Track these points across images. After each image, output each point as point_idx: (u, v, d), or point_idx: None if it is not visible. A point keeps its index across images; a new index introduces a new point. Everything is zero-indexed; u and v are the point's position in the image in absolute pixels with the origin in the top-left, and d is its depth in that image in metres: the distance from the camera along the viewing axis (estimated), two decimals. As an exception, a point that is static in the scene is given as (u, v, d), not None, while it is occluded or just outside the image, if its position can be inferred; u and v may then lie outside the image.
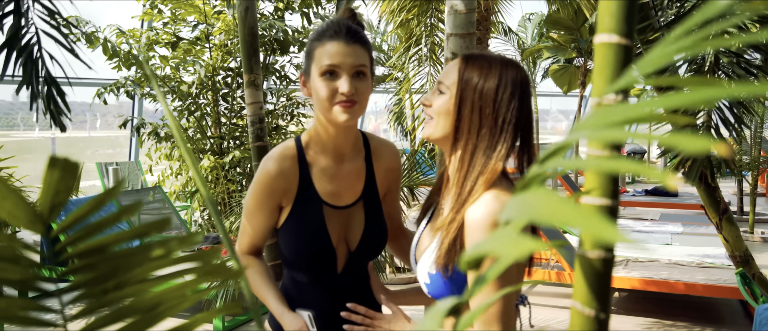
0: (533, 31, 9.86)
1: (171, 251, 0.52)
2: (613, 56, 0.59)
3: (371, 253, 1.28)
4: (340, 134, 1.21)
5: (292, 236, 1.23)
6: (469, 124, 0.99)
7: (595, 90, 0.60)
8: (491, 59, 1.01)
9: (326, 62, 1.12)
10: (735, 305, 4.12)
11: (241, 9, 1.75)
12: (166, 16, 4.81)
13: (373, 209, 1.27)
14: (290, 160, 1.22)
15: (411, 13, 3.83)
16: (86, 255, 0.51)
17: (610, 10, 0.59)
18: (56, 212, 0.48)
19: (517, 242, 0.28)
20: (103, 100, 4.81)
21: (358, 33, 1.16)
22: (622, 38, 0.59)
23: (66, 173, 0.47)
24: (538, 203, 0.34)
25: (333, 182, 1.24)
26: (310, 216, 1.22)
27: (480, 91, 0.99)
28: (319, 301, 1.26)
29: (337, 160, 1.24)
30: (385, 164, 1.30)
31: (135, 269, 0.52)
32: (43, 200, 0.47)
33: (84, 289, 0.51)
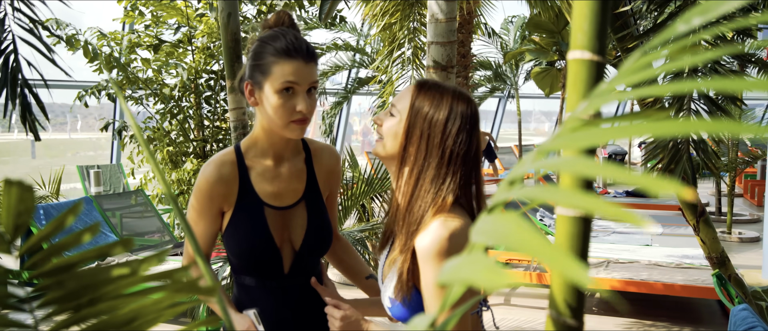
0: (515, 33, 9.94)
1: (136, 270, 0.51)
2: (586, 72, 0.60)
3: (316, 251, 1.30)
4: (282, 142, 1.26)
5: (235, 239, 1.25)
6: (416, 151, 1.02)
7: (569, 105, 0.61)
8: (444, 90, 1.04)
9: (288, 79, 1.16)
10: (713, 305, 4.19)
11: (224, 15, 1.74)
12: (147, 18, 4.77)
13: (315, 208, 1.30)
14: (229, 165, 1.25)
15: (394, 17, 3.84)
16: (54, 273, 0.50)
17: (583, 28, 0.60)
18: (20, 232, 0.48)
19: (493, 272, 0.28)
20: (84, 102, 4.75)
21: (313, 50, 1.21)
22: (594, 55, 0.60)
23: (24, 194, 0.46)
24: (507, 230, 0.34)
25: (273, 183, 1.27)
26: (252, 218, 1.25)
27: (430, 121, 1.02)
28: (268, 303, 1.27)
29: (276, 161, 1.28)
30: (326, 167, 1.34)
31: (104, 286, 0.52)
32: (5, 222, 0.46)
33: (57, 305, 0.50)
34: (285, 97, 1.16)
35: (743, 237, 6.33)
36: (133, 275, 0.50)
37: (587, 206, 0.31)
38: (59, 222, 0.46)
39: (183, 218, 0.54)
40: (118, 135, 4.99)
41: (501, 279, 0.29)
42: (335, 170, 1.36)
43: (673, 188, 0.30)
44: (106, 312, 0.53)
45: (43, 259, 0.49)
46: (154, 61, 4.75)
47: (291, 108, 1.17)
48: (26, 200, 0.44)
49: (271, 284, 1.28)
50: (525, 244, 0.31)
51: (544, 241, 0.30)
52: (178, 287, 0.53)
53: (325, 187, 1.34)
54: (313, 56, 1.19)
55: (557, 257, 0.28)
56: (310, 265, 1.31)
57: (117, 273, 0.49)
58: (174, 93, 4.74)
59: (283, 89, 1.16)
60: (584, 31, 0.62)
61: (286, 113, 1.17)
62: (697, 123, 0.36)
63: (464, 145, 1.01)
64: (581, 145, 0.39)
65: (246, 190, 1.25)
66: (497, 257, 1.09)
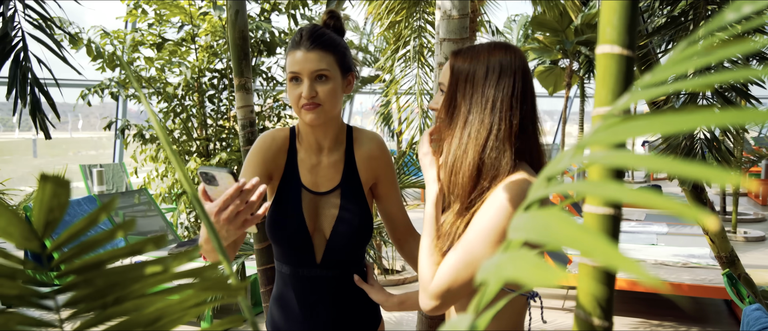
0: (519, 32, 9.92)
1: (168, 267, 0.51)
2: (616, 67, 0.59)
3: (348, 242, 1.27)
4: (318, 131, 1.28)
5: (272, 217, 1.27)
6: (459, 112, 1.00)
7: (598, 100, 0.60)
8: (479, 47, 1.02)
9: (290, 69, 1.22)
10: (720, 304, 4.18)
11: (232, 12, 1.73)
12: (150, 17, 4.76)
13: (350, 198, 1.29)
14: (282, 137, 1.31)
15: (399, 15, 3.82)
16: (83, 271, 0.50)
17: (612, 21, 0.59)
18: (51, 229, 0.47)
19: (542, 269, 0.28)
20: (87, 101, 4.74)
21: (320, 37, 1.22)
22: (624, 49, 0.59)
23: (58, 190, 0.46)
24: (552, 225, 0.33)
25: (312, 172, 1.30)
26: (290, 199, 1.27)
27: (470, 79, 0.99)
28: (300, 292, 1.28)
29: (316, 153, 1.30)
30: (366, 152, 1.32)
31: (132, 284, 0.51)
32: (37, 218, 0.46)
33: (83, 304, 0.50)
34: (292, 85, 1.22)
35: (748, 236, 6.32)
36: (163, 273, 0.50)
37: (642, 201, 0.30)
38: (92, 219, 0.45)
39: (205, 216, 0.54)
40: (121, 134, 4.98)
41: (551, 277, 0.28)
42: (377, 155, 1.33)
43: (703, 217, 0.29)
44: (132, 311, 0.52)
45: (72, 256, 0.48)
46: (157, 60, 4.75)
47: (298, 95, 1.22)
48: (60, 196, 0.43)
49: (304, 273, 1.28)
50: (575, 240, 0.30)
51: (597, 237, 0.29)
52: (207, 286, 0.52)
53: (368, 175, 1.32)
54: (317, 44, 1.21)
55: (613, 254, 0.28)
56: (344, 258, 1.29)
57: (148, 271, 0.48)
58: (177, 92, 4.74)
59: (291, 79, 1.23)
60: (613, 25, 0.61)
61: (294, 101, 1.23)
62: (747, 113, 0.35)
63: (508, 89, 0.97)
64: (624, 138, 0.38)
65: (291, 168, 1.29)
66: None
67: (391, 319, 3.75)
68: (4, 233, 0.44)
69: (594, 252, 0.26)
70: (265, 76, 4.97)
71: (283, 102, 5.04)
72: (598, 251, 0.26)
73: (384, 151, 1.34)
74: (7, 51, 1.59)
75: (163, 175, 4.87)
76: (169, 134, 4.80)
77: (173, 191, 4.86)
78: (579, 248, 0.28)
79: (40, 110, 1.80)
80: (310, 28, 1.24)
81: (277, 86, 5.05)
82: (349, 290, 1.30)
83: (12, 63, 1.64)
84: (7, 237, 0.44)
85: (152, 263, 0.49)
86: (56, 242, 0.46)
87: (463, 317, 0.41)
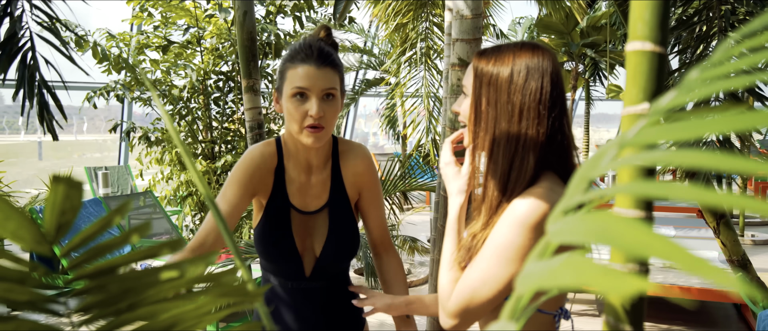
0: (523, 34, 9.89)
1: (185, 272, 0.49)
2: (647, 64, 0.57)
3: (339, 259, 1.28)
4: (310, 150, 1.24)
5: (262, 236, 1.25)
6: (486, 118, 0.94)
7: (629, 99, 0.58)
8: (504, 48, 0.96)
9: (297, 84, 1.14)
10: (728, 308, 4.14)
11: (240, 13, 1.71)
12: (156, 19, 4.76)
13: (338, 216, 1.28)
14: (270, 154, 1.26)
15: (406, 17, 3.81)
16: (95, 276, 0.48)
17: (643, 17, 0.57)
18: (63, 232, 0.45)
19: (614, 277, 0.25)
20: (93, 104, 4.74)
21: (329, 56, 1.18)
22: (656, 46, 0.57)
23: (71, 192, 0.44)
24: (609, 228, 0.30)
25: (300, 192, 1.27)
26: (278, 219, 1.25)
27: (494, 83, 0.93)
28: (290, 303, 1.28)
29: (305, 172, 1.27)
30: (353, 168, 1.30)
31: (147, 290, 0.49)
32: (48, 220, 0.44)
33: (95, 310, 0.48)
34: (297, 102, 1.15)
35: (756, 240, 6.27)
36: (179, 279, 0.48)
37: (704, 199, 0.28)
38: (106, 222, 0.43)
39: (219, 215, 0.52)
40: (126, 136, 4.97)
41: (626, 285, 0.25)
42: (362, 170, 1.31)
43: None
44: (146, 318, 0.50)
45: (85, 260, 0.47)
46: (163, 63, 4.74)
47: (303, 113, 1.14)
48: (72, 198, 0.41)
49: (293, 285, 1.28)
50: (641, 243, 0.28)
51: (665, 239, 0.27)
52: (224, 291, 0.50)
53: (353, 190, 1.31)
54: (327, 61, 1.16)
55: (697, 262, 0.25)
56: (333, 271, 1.31)
57: (165, 276, 0.46)
58: (183, 94, 4.73)
59: (295, 94, 1.15)
60: (645, 20, 0.59)
61: (298, 118, 1.15)
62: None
63: (535, 95, 0.91)
64: (675, 138, 0.36)
65: (279, 188, 1.26)
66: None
67: (373, 320, 3.73)
68: (14, 237, 0.42)
69: (673, 257, 0.24)
70: (270, 79, 4.96)
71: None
72: (678, 256, 0.24)
73: (369, 166, 1.31)
74: (15, 51, 1.58)
75: (169, 177, 4.86)
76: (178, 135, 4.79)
77: (178, 193, 4.85)
78: (651, 253, 0.26)
79: (49, 111, 1.79)
80: (317, 43, 1.19)
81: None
82: (337, 296, 1.32)
83: (20, 63, 1.62)
84: (18, 241, 0.42)
85: (168, 268, 0.47)
86: (68, 245, 0.45)
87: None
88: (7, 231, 0.41)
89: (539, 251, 0.42)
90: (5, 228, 0.41)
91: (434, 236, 1.79)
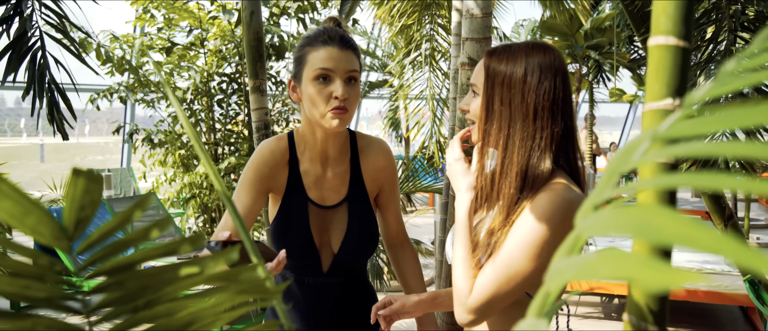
0: (526, 36, 9.89)
1: (204, 269, 0.48)
2: (671, 59, 0.56)
3: (357, 255, 1.26)
4: (329, 139, 1.22)
5: (279, 232, 1.23)
6: (499, 117, 0.95)
7: (651, 94, 0.57)
8: (515, 47, 0.97)
9: (320, 66, 1.13)
10: (735, 310, 4.12)
11: (247, 13, 1.71)
12: (159, 21, 4.76)
13: (357, 211, 1.26)
14: (282, 150, 1.24)
15: (411, 18, 3.80)
16: (114, 273, 0.47)
17: (667, 10, 0.56)
18: (82, 228, 0.44)
19: (659, 269, 0.25)
20: (96, 105, 4.74)
21: (350, 40, 1.18)
22: (680, 40, 0.56)
23: (91, 186, 0.43)
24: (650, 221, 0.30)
25: (317, 185, 1.25)
26: (296, 214, 1.23)
27: (507, 82, 0.94)
28: (305, 299, 1.26)
29: (322, 164, 1.25)
30: (373, 163, 1.28)
31: (165, 287, 0.49)
32: (67, 215, 0.43)
33: (113, 307, 0.47)
34: (321, 85, 1.14)
35: (761, 242, 6.25)
36: (198, 275, 0.47)
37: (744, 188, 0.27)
38: (126, 216, 0.42)
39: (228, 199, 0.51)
40: (129, 138, 4.97)
41: (673, 278, 0.25)
42: (383, 166, 1.29)
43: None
44: (163, 316, 0.50)
45: (104, 256, 0.46)
46: (166, 64, 4.74)
47: (327, 95, 1.13)
48: (92, 192, 0.41)
49: (309, 281, 1.26)
50: (688, 237, 0.27)
51: (715, 231, 0.26)
52: (243, 289, 0.50)
53: (373, 185, 1.29)
54: (349, 45, 1.17)
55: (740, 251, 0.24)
56: (351, 267, 1.29)
57: (184, 273, 0.45)
58: (186, 96, 4.73)
59: (318, 77, 1.14)
60: (669, 14, 0.58)
61: (322, 101, 1.13)
62: None
63: (548, 94, 0.92)
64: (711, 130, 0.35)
65: (295, 181, 1.24)
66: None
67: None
68: (34, 232, 0.41)
69: (724, 250, 0.23)
70: (274, 81, 4.96)
71: (293, 107, 5.02)
72: (731, 250, 0.23)
73: (390, 161, 1.31)
74: (25, 51, 1.57)
75: (172, 179, 4.86)
76: (177, 139, 4.79)
77: (182, 195, 4.84)
78: (700, 247, 0.25)
79: (59, 111, 1.78)
80: (336, 28, 1.19)
81: (285, 91, 5.04)
82: (354, 293, 1.30)
83: (29, 63, 1.62)
84: (37, 236, 0.42)
85: (188, 265, 0.46)
86: (86, 241, 0.44)
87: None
88: (27, 226, 0.41)
89: (569, 245, 0.41)
90: (24, 223, 0.41)
91: (442, 237, 1.78)
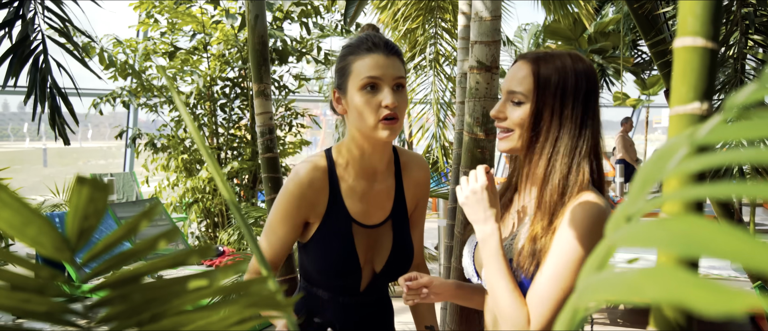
0: (529, 41, 9.87)
1: (213, 281, 0.46)
2: (698, 61, 0.54)
3: (396, 274, 1.21)
4: (377, 152, 1.16)
5: (320, 254, 1.17)
6: (549, 127, 0.95)
7: (677, 97, 0.55)
8: (560, 55, 0.98)
9: (367, 74, 1.08)
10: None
11: (251, 16, 1.69)
12: (163, 25, 4.75)
13: (401, 227, 1.22)
14: (321, 172, 1.16)
15: (415, 22, 3.79)
16: (118, 285, 0.45)
17: (694, 10, 0.54)
18: (85, 238, 0.42)
19: (718, 292, 0.22)
20: (99, 110, 4.73)
21: (395, 46, 1.14)
22: (708, 41, 0.54)
23: (96, 194, 0.41)
24: (696, 234, 0.27)
25: (363, 201, 1.18)
26: (340, 235, 1.16)
27: (560, 91, 0.95)
28: (338, 317, 1.22)
29: (368, 179, 1.18)
30: (415, 179, 1.24)
31: (172, 300, 0.46)
32: (71, 225, 0.41)
33: (117, 321, 0.45)
34: (368, 94, 1.08)
35: (766, 247, 6.21)
36: (206, 288, 0.45)
37: None
38: (131, 226, 0.40)
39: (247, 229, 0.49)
40: (132, 143, 4.96)
41: (737, 302, 0.22)
42: (422, 181, 1.25)
43: None
44: (170, 330, 0.47)
45: (108, 268, 0.44)
46: (169, 69, 4.73)
47: (376, 105, 1.08)
48: (97, 201, 0.39)
49: (344, 300, 1.21)
50: (743, 253, 0.25)
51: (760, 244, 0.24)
52: (252, 302, 0.47)
53: (412, 201, 1.24)
54: (394, 51, 1.12)
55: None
56: (385, 284, 1.26)
57: (192, 285, 0.43)
58: (189, 100, 4.72)
59: (366, 86, 1.08)
60: (696, 14, 0.56)
61: (372, 111, 1.08)
62: None
63: (593, 104, 0.96)
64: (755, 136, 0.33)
65: (335, 202, 1.17)
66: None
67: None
68: (34, 243, 0.39)
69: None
70: (277, 85, 4.95)
71: (295, 111, 5.00)
72: None
73: (428, 177, 1.27)
74: (27, 54, 1.56)
75: (175, 184, 4.84)
76: (180, 143, 4.78)
77: (184, 200, 4.83)
78: (757, 264, 0.23)
79: (61, 116, 1.76)
80: (379, 34, 1.15)
81: (288, 95, 5.03)
82: (381, 309, 1.29)
83: (31, 67, 1.60)
84: (38, 247, 0.40)
85: (197, 277, 0.44)
86: (90, 253, 0.42)
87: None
88: (27, 237, 0.39)
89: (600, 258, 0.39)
90: (25, 234, 0.39)
91: (450, 243, 1.76)
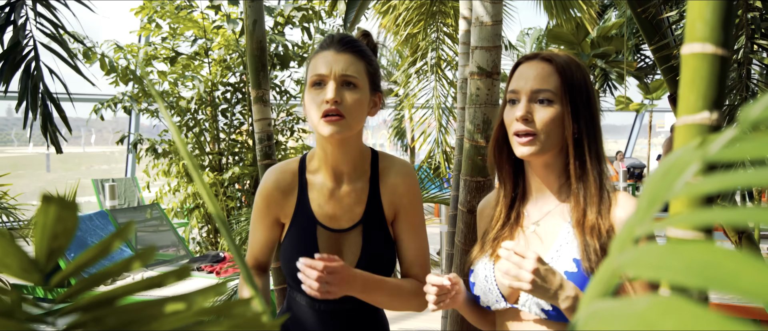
0: (532, 45, 9.86)
1: (191, 305, 0.43)
2: (708, 69, 0.51)
3: None
4: (337, 151, 1.13)
5: (287, 255, 1.18)
6: (584, 123, 0.98)
7: (685, 107, 0.52)
8: (566, 56, 1.02)
9: (314, 72, 1.09)
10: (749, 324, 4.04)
11: (250, 22, 1.67)
12: (164, 31, 4.75)
13: (373, 235, 1.18)
14: (290, 174, 1.19)
15: (417, 27, 3.77)
16: (91, 308, 0.42)
17: (703, 15, 0.51)
18: (54, 259, 0.40)
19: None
20: (100, 115, 4.73)
21: (352, 42, 1.11)
22: (718, 48, 0.51)
23: (64, 213, 0.39)
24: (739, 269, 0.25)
25: (330, 203, 1.17)
26: (304, 237, 1.17)
27: (585, 89, 0.99)
28: (316, 324, 1.20)
29: (335, 180, 1.17)
30: (391, 185, 1.18)
31: (150, 323, 0.44)
32: (39, 246, 0.38)
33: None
34: (314, 91, 1.09)
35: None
36: (186, 311, 0.42)
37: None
38: (104, 246, 0.38)
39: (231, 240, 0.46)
40: (134, 148, 4.95)
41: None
42: (401, 188, 1.19)
43: None
44: (148, 352, 0.45)
45: (81, 290, 0.41)
46: (171, 74, 4.73)
47: (320, 101, 1.07)
48: (66, 220, 0.36)
49: (321, 306, 1.20)
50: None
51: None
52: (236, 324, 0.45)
53: (390, 209, 1.19)
54: (348, 47, 1.09)
55: None
56: None
57: (170, 308, 0.41)
58: (190, 106, 4.71)
59: (314, 83, 1.09)
60: (706, 19, 0.53)
61: (316, 107, 1.07)
62: None
63: (599, 104, 1.02)
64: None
65: (302, 205, 1.18)
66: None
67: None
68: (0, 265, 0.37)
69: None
70: (278, 90, 4.93)
71: (296, 116, 4.99)
72: None
73: (411, 187, 1.19)
74: (18, 61, 1.54)
75: (176, 189, 4.83)
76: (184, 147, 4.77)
77: (185, 205, 4.81)
78: None
79: (52, 123, 1.74)
80: (344, 33, 1.14)
81: (290, 100, 5.01)
82: (366, 318, 1.23)
83: (23, 73, 1.58)
84: (3, 269, 0.37)
85: (174, 300, 0.41)
86: (62, 274, 0.39)
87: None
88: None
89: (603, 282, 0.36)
90: (-12, 255, 0.36)
91: (451, 251, 1.73)
